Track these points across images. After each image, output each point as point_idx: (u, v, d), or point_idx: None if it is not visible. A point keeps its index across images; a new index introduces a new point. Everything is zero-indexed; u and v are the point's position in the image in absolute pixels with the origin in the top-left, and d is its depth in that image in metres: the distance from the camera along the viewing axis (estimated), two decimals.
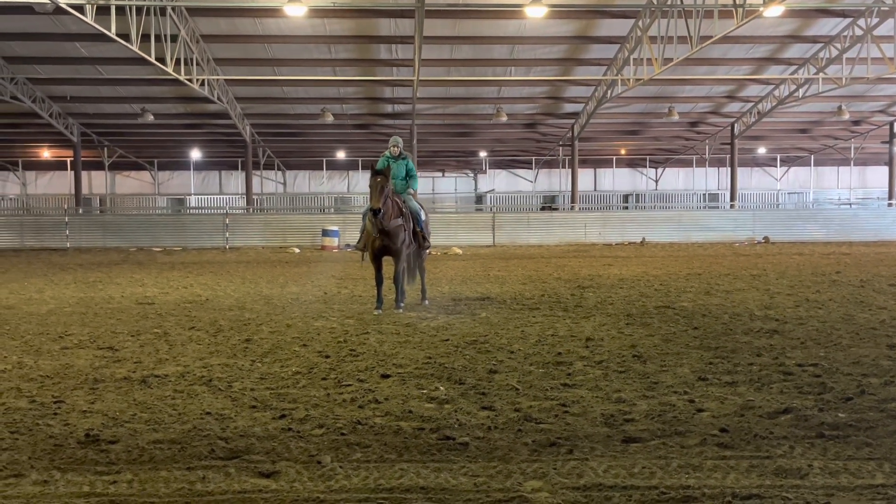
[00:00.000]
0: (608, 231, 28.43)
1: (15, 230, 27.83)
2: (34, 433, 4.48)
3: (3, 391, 5.53)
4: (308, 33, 23.84)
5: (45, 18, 21.54)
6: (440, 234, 27.53)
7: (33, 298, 11.54)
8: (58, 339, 7.80)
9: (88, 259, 21.34)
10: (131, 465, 3.92)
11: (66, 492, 3.55)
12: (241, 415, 4.85)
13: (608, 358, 6.59)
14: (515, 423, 4.65)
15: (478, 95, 29.89)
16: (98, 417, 4.80)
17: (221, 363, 6.50)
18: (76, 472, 3.81)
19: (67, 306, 10.59)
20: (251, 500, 3.44)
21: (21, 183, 39.70)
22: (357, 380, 5.83)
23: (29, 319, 9.28)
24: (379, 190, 9.15)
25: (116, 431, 4.50)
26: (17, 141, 35.75)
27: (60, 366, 6.46)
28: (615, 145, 39.09)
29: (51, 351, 7.17)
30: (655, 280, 13.66)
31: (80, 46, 24.34)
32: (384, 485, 3.62)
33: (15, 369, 6.33)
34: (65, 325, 8.74)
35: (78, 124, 32.50)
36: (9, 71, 26.12)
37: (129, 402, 5.17)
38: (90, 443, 4.29)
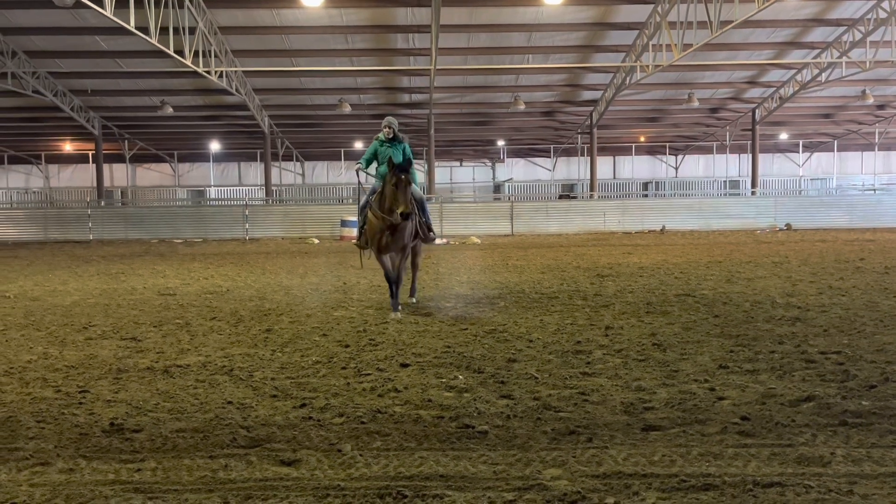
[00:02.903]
0: (627, 219, 28.24)
1: (39, 223, 28.20)
2: (60, 422, 4.55)
3: (30, 381, 5.63)
4: (325, 23, 23.85)
5: (65, 12, 21.72)
6: (458, 223, 27.58)
7: (58, 290, 11.71)
8: (82, 330, 7.91)
9: (111, 251, 21.59)
10: (155, 453, 3.98)
11: (91, 479, 3.61)
12: (262, 404, 4.90)
13: (628, 346, 6.57)
14: (534, 411, 4.65)
15: (495, 84, 29.76)
16: (122, 407, 4.87)
17: (242, 353, 6.56)
18: (101, 460, 3.87)
19: (91, 298, 10.72)
20: (273, 488, 3.47)
21: (44, 176, 40.20)
22: (376, 369, 5.86)
23: (54, 311, 9.41)
24: (405, 189, 8.25)
25: (140, 420, 4.56)
26: (40, 135, 36.18)
27: (85, 356, 6.55)
28: (634, 133, 38.78)
29: (75, 342, 7.27)
30: (675, 268, 13.56)
31: (99, 40, 24.54)
32: (404, 473, 3.65)
33: (41, 360, 6.43)
34: (89, 317, 8.86)
35: (99, 117, 32.82)
36: (30, 65, 26.40)
37: (153, 392, 5.23)
38: (115, 431, 4.35)
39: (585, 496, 3.34)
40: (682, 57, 21.59)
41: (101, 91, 29.88)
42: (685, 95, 30.46)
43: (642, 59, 24.74)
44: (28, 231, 27.77)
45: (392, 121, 9.05)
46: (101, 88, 29.58)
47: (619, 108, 32.01)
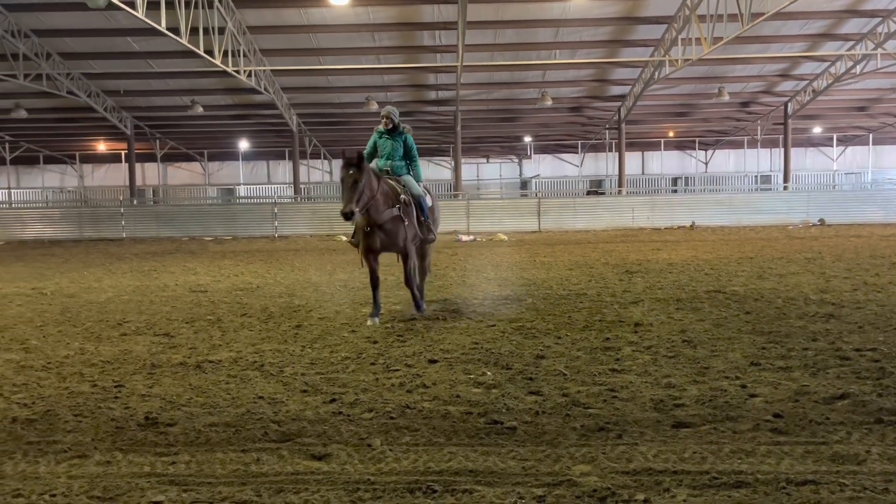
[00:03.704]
0: (656, 215, 27.98)
1: (74, 221, 28.75)
2: (97, 416, 4.65)
3: (67, 376, 5.75)
4: (352, 22, 23.97)
5: (98, 14, 22.11)
6: (485, 220, 27.55)
7: (92, 287, 11.93)
8: (116, 326, 8.06)
9: (143, 248, 21.95)
10: (189, 446, 4.04)
11: (128, 472, 3.68)
12: (293, 399, 4.95)
13: (657, 343, 6.52)
14: (563, 407, 4.64)
15: (522, 80, 29.67)
16: (156, 401, 4.96)
17: (273, 349, 6.63)
18: (137, 453, 3.95)
19: (125, 294, 10.92)
20: (304, 482, 3.51)
21: (78, 175, 41.01)
22: (405, 365, 5.88)
23: (89, 307, 9.60)
24: (350, 186, 7.21)
25: (174, 414, 4.64)
26: (75, 135, 36.90)
27: (120, 351, 6.68)
28: (663, 127, 38.39)
29: (110, 337, 7.41)
30: (706, 264, 13.41)
31: (131, 41, 24.95)
32: (433, 468, 3.66)
33: (77, 355, 6.57)
34: (123, 313, 9.03)
35: (131, 117, 33.37)
36: (65, 67, 26.92)
37: (186, 387, 5.32)
38: (149, 425, 4.43)
39: (615, 492, 3.33)
40: (712, 51, 21.32)
41: (133, 91, 30.37)
42: (715, 89, 30.08)
43: (671, 53, 24.47)
44: (63, 229, 28.33)
45: (391, 110, 8.30)
46: (133, 89, 30.06)
47: (647, 103, 31.72)
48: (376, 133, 8.37)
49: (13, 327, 8.12)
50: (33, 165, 40.91)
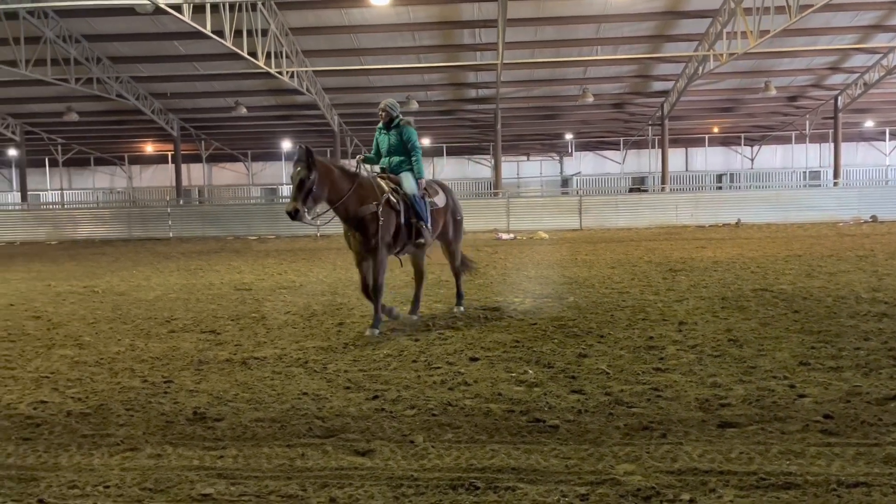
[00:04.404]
0: (701, 212, 27.51)
1: (123, 221, 29.48)
2: (147, 410, 4.77)
3: (119, 371, 5.92)
4: (392, 21, 24.10)
5: (145, 19, 22.66)
6: (525, 218, 27.42)
7: (141, 285, 12.24)
8: (165, 324, 8.25)
9: (189, 248, 22.41)
10: (236, 441, 4.13)
11: (178, 465, 3.78)
12: (336, 395, 5.01)
13: (702, 342, 6.42)
14: (606, 406, 4.61)
15: (563, 77, 29.46)
16: (204, 396, 5.07)
17: (316, 346, 6.72)
18: (186, 446, 4.05)
19: (172, 292, 11.17)
20: (348, 477, 3.56)
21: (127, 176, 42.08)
22: (446, 363, 5.90)
23: (138, 305, 9.85)
24: (297, 184, 6.73)
25: (221, 410, 4.73)
26: (124, 137, 37.87)
27: (168, 348, 6.84)
28: (707, 123, 37.73)
29: (159, 334, 7.60)
30: (752, 262, 13.15)
31: (178, 44, 25.49)
32: (476, 465, 3.67)
33: (128, 351, 6.75)
34: (170, 311, 9.24)
35: (177, 119, 34.10)
36: (114, 70, 27.64)
37: (232, 383, 5.42)
38: (198, 420, 4.54)
39: (660, 492, 3.29)
40: (759, 44, 20.87)
41: (180, 94, 31.04)
42: (761, 84, 29.43)
43: (716, 47, 24.04)
44: (113, 229, 29.07)
45: (388, 103, 7.79)
46: (180, 91, 30.72)
47: (691, 98, 31.20)
48: (377, 130, 7.93)
49: (67, 324, 8.37)
50: (84, 167, 42.10)
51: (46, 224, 29.46)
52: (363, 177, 7.39)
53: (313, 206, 6.94)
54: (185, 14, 17.62)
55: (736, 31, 22.18)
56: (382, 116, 7.76)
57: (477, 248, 18.99)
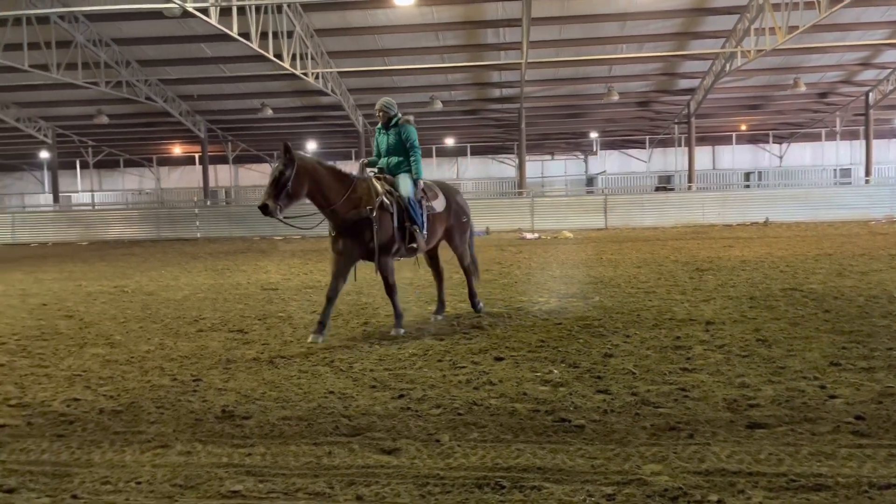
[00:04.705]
0: (728, 211, 27.18)
1: (152, 222, 29.90)
2: (177, 408, 4.84)
3: (149, 370, 6.01)
4: (416, 22, 24.17)
5: (173, 22, 22.97)
6: (550, 217, 27.32)
7: (170, 285, 12.40)
8: (193, 323, 8.36)
9: (216, 248, 22.66)
10: (263, 439, 4.17)
11: (207, 462, 3.83)
12: (362, 394, 5.04)
13: (730, 342, 6.35)
14: (632, 406, 4.58)
15: (588, 75, 29.31)
16: (232, 395, 5.13)
17: (342, 345, 6.76)
18: (215, 444, 4.10)
19: (200, 292, 11.31)
20: (374, 475, 3.58)
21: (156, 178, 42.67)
22: (471, 362, 5.91)
23: (167, 304, 9.99)
24: (272, 180, 6.61)
25: (249, 408, 4.79)
26: (152, 138, 38.43)
27: (197, 347, 6.94)
28: (735, 121, 37.30)
29: (188, 333, 7.70)
30: (781, 261, 12.98)
31: (205, 47, 25.80)
32: (501, 464, 3.68)
33: (157, 350, 6.85)
34: (199, 310, 9.36)
35: (204, 121, 34.51)
36: (143, 73, 28.06)
37: (259, 381, 5.48)
38: (226, 418, 4.59)
39: (687, 492, 3.27)
40: (788, 40, 20.57)
41: (207, 96, 31.40)
42: (790, 80, 29.03)
43: (743, 44, 23.76)
44: (142, 230, 29.49)
45: (385, 102, 7.49)
46: (206, 93, 31.08)
47: (718, 95, 30.86)
48: (377, 130, 7.73)
49: (98, 323, 8.52)
50: (114, 169, 42.77)
51: (78, 225, 29.97)
52: (359, 180, 7.17)
53: (288, 203, 6.71)
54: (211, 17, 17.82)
55: (764, 28, 21.88)
56: (380, 116, 7.49)
57: (501, 248, 18.97)
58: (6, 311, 9.77)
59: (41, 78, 25.42)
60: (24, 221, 30.42)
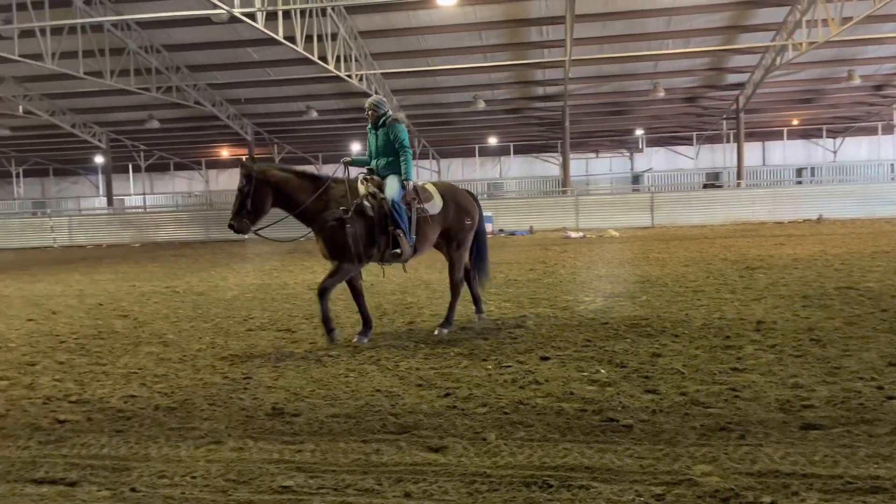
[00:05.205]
0: (779, 208, 26.57)
1: (201, 224, 30.56)
2: (228, 405, 4.95)
3: (201, 368, 6.16)
4: (459, 21, 24.20)
5: (221, 28, 23.46)
6: (595, 216, 27.06)
7: (219, 286, 12.67)
8: (243, 322, 8.53)
9: (264, 249, 23.04)
10: (313, 436, 4.24)
11: (259, 458, 3.91)
12: (409, 393, 5.08)
13: (782, 342, 6.21)
14: (681, 406, 4.52)
15: (633, 71, 28.95)
16: (282, 393, 5.22)
17: (388, 344, 6.82)
18: (266, 440, 4.18)
19: (249, 292, 11.52)
20: (422, 472, 3.61)
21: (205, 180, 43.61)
22: (517, 361, 5.90)
23: (217, 304, 10.21)
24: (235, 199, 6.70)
25: (298, 405, 4.87)
26: (201, 142, 39.29)
27: (246, 345, 7.08)
28: (786, 116, 36.39)
29: (237, 332, 7.86)
30: (835, 259, 12.63)
31: (251, 51, 26.28)
32: (549, 463, 3.67)
33: (209, 348, 7.01)
34: (248, 310, 9.54)
35: (251, 124, 35.13)
36: (192, 78, 28.71)
37: (308, 380, 5.57)
38: (276, 415, 4.68)
39: (739, 494, 3.22)
40: (841, 32, 19.99)
41: (253, 99, 31.97)
42: (844, 73, 28.21)
43: (795, 36, 23.17)
44: (192, 231, 30.18)
45: (374, 101, 7.15)
46: (253, 97, 31.65)
47: (768, 90, 30.18)
48: (368, 130, 7.35)
49: (151, 323, 8.76)
50: (164, 172, 43.87)
51: (130, 227, 30.83)
52: (334, 181, 6.99)
53: (255, 217, 6.73)
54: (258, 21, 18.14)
55: (816, 20, 21.32)
56: (369, 115, 7.19)
57: (545, 248, 18.89)
58: (65, 310, 10.12)
59: (95, 85, 26.23)
60: (80, 224, 31.41)
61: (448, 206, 7.31)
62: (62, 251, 27.16)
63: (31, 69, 24.92)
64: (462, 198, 7.52)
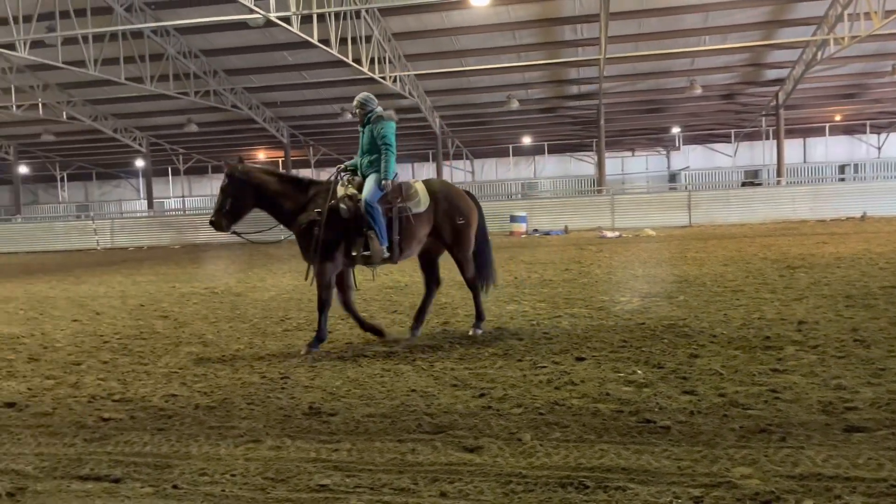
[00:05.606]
0: (821, 206, 26.00)
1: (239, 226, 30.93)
2: (266, 405, 5.02)
3: (239, 367, 6.26)
4: (493, 21, 24.18)
5: (257, 32, 23.78)
6: (631, 215, 26.78)
7: (257, 286, 12.84)
8: (279, 322, 8.65)
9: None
10: (349, 435, 4.28)
11: (296, 457, 3.96)
12: (444, 393, 5.10)
13: (824, 342, 6.08)
14: (720, 408, 4.46)
15: (669, 69, 28.62)
16: (318, 392, 5.28)
17: (422, 344, 6.85)
18: (303, 439, 4.23)
19: (285, 293, 11.65)
20: (458, 472, 3.62)
21: None
22: (552, 362, 5.88)
23: (255, 305, 10.35)
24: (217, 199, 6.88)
25: (335, 405, 4.92)
26: (238, 145, 39.87)
27: (283, 345, 7.17)
28: (828, 111, 35.61)
29: (275, 332, 7.97)
30: (880, 258, 12.32)
31: (287, 55, 26.59)
32: (585, 464, 3.65)
33: (247, 348, 7.12)
34: (284, 310, 9.66)
35: (287, 127, 35.55)
36: (229, 82, 29.15)
37: (344, 379, 5.62)
38: (313, 414, 4.73)
39: (780, 497, 3.16)
40: (885, 25, 19.49)
41: (289, 102, 32.36)
42: (888, 67, 27.50)
43: (836, 30, 22.65)
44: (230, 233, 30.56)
45: (361, 98, 7.17)
46: (288, 100, 32.03)
47: (809, 85, 29.56)
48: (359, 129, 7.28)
49: (191, 323, 8.92)
50: (203, 175, 44.60)
51: (170, 229, 31.42)
52: (316, 183, 7.03)
53: (233, 218, 6.93)
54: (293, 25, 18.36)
55: (858, 13, 20.83)
56: (357, 114, 7.11)
57: (580, 247, 18.77)
58: (108, 311, 10.36)
59: (136, 90, 26.80)
60: (121, 227, 32.11)
61: (437, 204, 7.04)
62: (105, 253, 27.81)
63: (75, 76, 25.57)
64: (454, 197, 7.20)
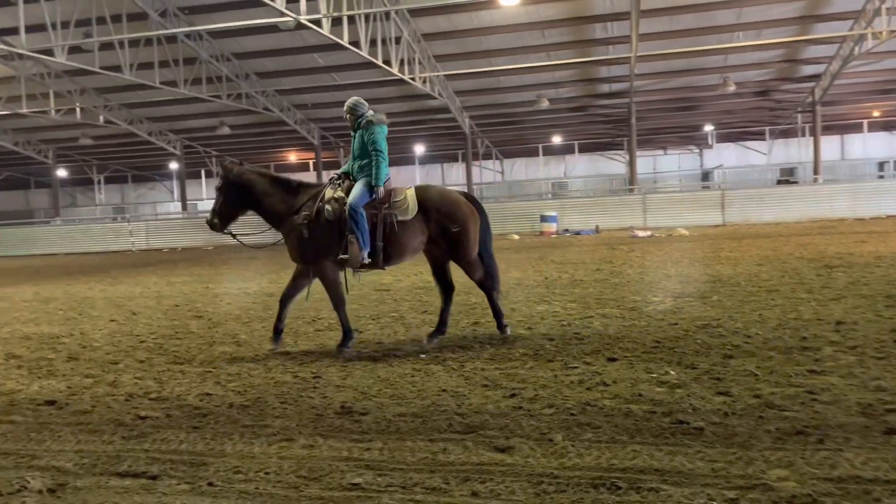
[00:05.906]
0: (859, 204, 25.46)
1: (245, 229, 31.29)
2: (299, 404, 5.07)
3: (272, 367, 6.33)
4: (522, 21, 24.11)
5: (288, 35, 24.02)
6: (663, 214, 26.49)
7: None
8: (311, 322, 8.73)
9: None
10: (381, 434, 4.30)
11: (329, 455, 4.00)
12: (475, 393, 5.10)
13: (863, 343, 5.96)
14: (755, 409, 4.39)
15: (701, 66, 28.24)
16: (350, 392, 5.31)
17: (453, 344, 6.86)
18: (335, 438, 4.27)
19: (317, 294, 11.72)
20: (489, 472, 3.62)
21: None
22: (583, 362, 5.84)
23: None
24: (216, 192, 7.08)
25: (366, 404, 4.95)
26: (269, 147, 40.34)
27: (315, 345, 7.24)
28: (866, 107, 34.86)
29: (306, 332, 8.05)
30: None
31: (317, 57, 26.82)
32: (617, 465, 3.63)
33: (279, 348, 7.19)
34: (316, 311, 9.73)
35: (318, 128, 35.84)
36: (260, 85, 29.49)
37: (375, 379, 5.65)
38: (345, 413, 4.77)
39: (817, 500, 3.11)
40: None
41: (319, 104, 32.61)
42: None
43: (874, 24, 22.16)
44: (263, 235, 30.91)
45: (351, 103, 7.16)
46: (319, 101, 32.28)
47: (846, 81, 28.96)
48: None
49: (225, 323, 9.05)
50: None
51: (204, 231, 31.75)
52: (306, 186, 7.10)
53: (227, 217, 7.14)
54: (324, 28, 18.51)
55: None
56: (348, 118, 7.15)
57: (612, 247, 18.62)
58: (144, 311, 10.55)
59: (170, 94, 27.24)
60: (156, 228, 32.66)
61: (427, 213, 6.84)
62: (140, 254, 28.32)
63: (111, 80, 26.09)
64: (447, 205, 6.92)
